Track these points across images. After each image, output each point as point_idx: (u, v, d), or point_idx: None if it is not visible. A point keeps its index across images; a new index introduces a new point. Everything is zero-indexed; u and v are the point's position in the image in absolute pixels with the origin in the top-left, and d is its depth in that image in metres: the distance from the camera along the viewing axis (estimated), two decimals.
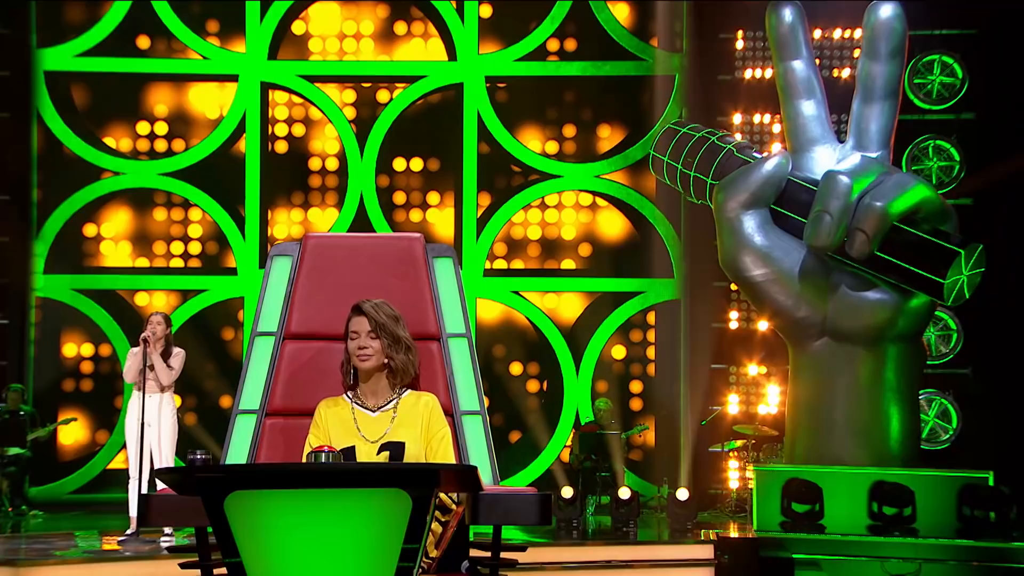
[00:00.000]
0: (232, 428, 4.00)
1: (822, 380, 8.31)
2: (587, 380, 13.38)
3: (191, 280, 13.43)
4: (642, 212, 13.50)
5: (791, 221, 7.90)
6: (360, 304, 3.88)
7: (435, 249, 4.26)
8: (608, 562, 8.59)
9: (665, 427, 13.32)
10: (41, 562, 7.38)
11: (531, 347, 13.66)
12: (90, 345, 13.53)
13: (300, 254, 4.20)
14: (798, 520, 8.85)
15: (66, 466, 13.28)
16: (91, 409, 13.52)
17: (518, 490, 3.51)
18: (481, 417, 4.06)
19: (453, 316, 4.16)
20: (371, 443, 3.80)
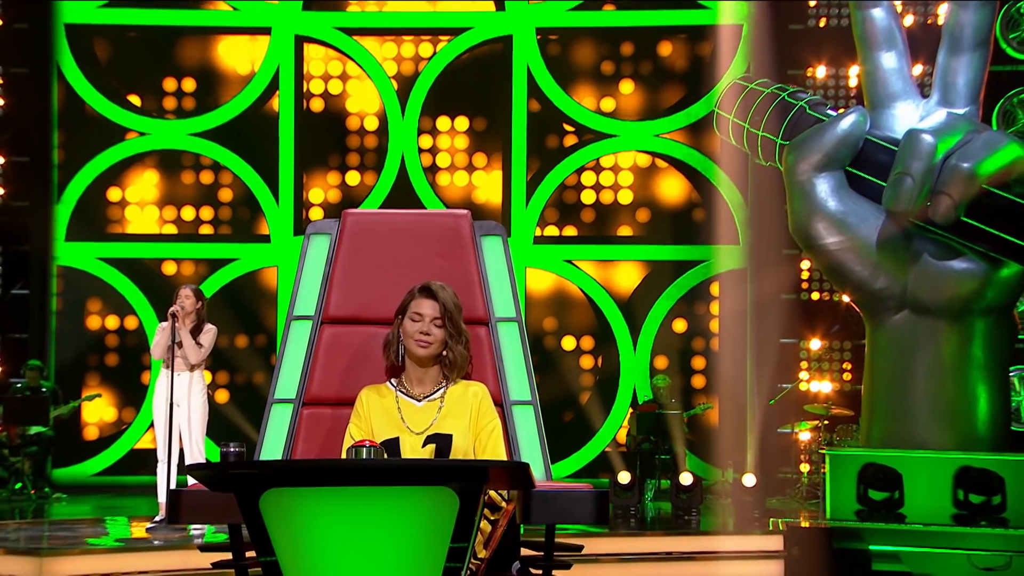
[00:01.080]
0: (267, 419, 4.03)
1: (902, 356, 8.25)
2: (645, 356, 13.37)
3: (221, 248, 13.53)
4: (705, 175, 13.42)
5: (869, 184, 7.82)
6: (429, 285, 3.89)
7: (483, 227, 4.25)
8: (668, 554, 8.60)
9: (730, 406, 13.28)
10: (66, 551, 7.50)
11: (585, 320, 13.66)
12: (115, 317, 13.69)
13: (339, 232, 4.21)
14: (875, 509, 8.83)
15: (91, 446, 13.48)
16: (117, 385, 13.70)
17: (573, 487, 3.51)
18: (533, 407, 4.06)
19: (503, 299, 4.16)
20: (416, 435, 3.82)
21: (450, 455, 3.78)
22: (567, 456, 13.09)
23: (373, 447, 3.27)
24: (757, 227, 13.09)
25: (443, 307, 3.85)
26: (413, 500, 2.95)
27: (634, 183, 13.79)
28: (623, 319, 13.37)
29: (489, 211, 13.67)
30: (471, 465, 3.14)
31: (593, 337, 13.66)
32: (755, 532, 9.20)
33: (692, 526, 9.76)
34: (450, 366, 3.88)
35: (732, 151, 12.11)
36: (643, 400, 12.85)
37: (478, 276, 4.16)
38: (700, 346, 13.75)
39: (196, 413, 8.94)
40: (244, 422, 12.79)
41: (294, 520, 2.97)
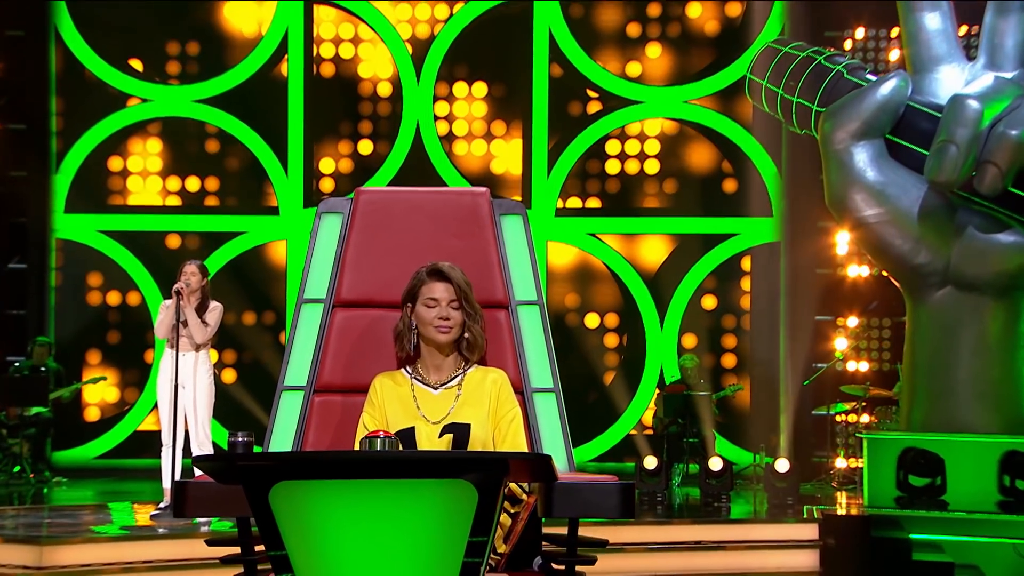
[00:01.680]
0: (277, 407, 4.04)
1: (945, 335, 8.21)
2: (673, 334, 13.37)
3: (228, 221, 13.57)
4: (736, 143, 13.38)
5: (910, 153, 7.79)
6: (440, 267, 3.90)
7: (503, 205, 4.24)
8: (697, 543, 8.63)
9: (762, 387, 13.29)
10: (66, 540, 7.55)
11: (609, 297, 13.66)
12: (116, 293, 13.75)
13: (351, 211, 4.21)
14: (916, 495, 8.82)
15: (92, 428, 13.57)
16: (119, 364, 13.77)
17: (597, 479, 3.52)
18: (555, 395, 4.06)
19: (523, 281, 4.15)
20: (432, 424, 3.83)
21: (468, 446, 3.79)
22: (590, 439, 13.12)
23: (387, 438, 3.28)
24: (791, 198, 13.06)
25: (457, 288, 3.86)
26: (429, 493, 2.96)
27: (661, 152, 13.76)
28: (649, 295, 13.37)
29: (508, 182, 13.66)
30: (490, 457, 3.15)
31: (618, 314, 13.66)
32: (789, 520, 9.21)
33: (722, 514, 9.77)
34: (470, 347, 3.89)
35: (765, 118, 12.06)
36: (670, 381, 12.85)
37: (497, 257, 4.16)
38: (731, 324, 13.74)
39: (202, 395, 8.98)
40: (252, 403, 12.85)
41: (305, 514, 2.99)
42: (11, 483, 11.76)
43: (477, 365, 3.96)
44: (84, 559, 7.41)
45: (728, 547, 8.66)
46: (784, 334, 13.08)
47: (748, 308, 13.65)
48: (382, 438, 3.28)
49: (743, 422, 13.34)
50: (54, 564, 7.29)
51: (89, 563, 7.40)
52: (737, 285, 13.70)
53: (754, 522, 9.28)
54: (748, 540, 8.72)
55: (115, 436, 13.46)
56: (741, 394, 13.15)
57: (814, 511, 9.38)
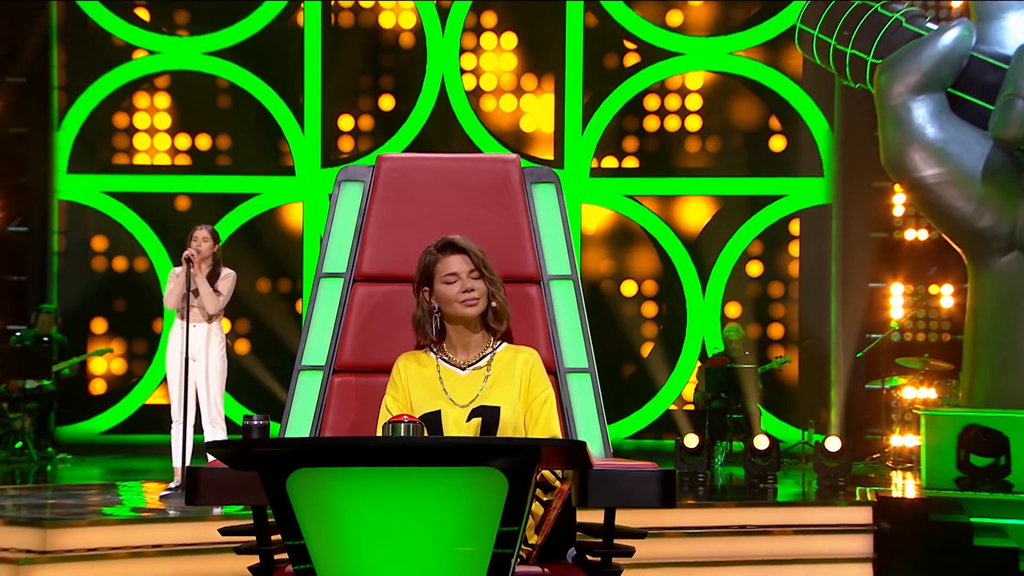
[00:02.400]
0: (294, 388, 4.06)
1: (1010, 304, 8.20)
2: (716, 303, 13.36)
3: (241, 182, 13.61)
4: (785, 98, 13.32)
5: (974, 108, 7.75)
6: (453, 240, 3.91)
7: (534, 173, 4.25)
8: (741, 527, 8.63)
9: (812, 359, 13.28)
10: (71, 522, 7.61)
11: (647, 263, 13.65)
12: (123, 258, 13.82)
13: (373, 179, 4.21)
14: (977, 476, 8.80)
15: (98, 401, 13.68)
16: (126, 334, 13.86)
17: (635, 466, 3.52)
18: (590, 375, 4.07)
19: (556, 254, 4.15)
20: (460, 407, 3.84)
21: (498, 430, 3.80)
22: (627, 415, 13.14)
23: (412, 423, 3.30)
24: (844, 157, 13.01)
25: (474, 257, 3.89)
26: (456, 482, 2.98)
27: (703, 108, 13.71)
28: (690, 261, 13.35)
29: (539, 140, 13.64)
30: (522, 444, 3.17)
31: (656, 282, 13.66)
32: (840, 503, 9.21)
33: (768, 495, 9.79)
34: (497, 317, 3.91)
35: (817, 71, 12.00)
36: (713, 353, 12.85)
37: (528, 229, 4.17)
38: (778, 292, 13.72)
39: (214, 368, 9.02)
40: (266, 375, 12.92)
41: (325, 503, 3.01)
42: (12, 460, 11.85)
43: (507, 344, 3.97)
44: (90, 543, 7.47)
45: (774, 532, 8.66)
46: (835, 302, 13.05)
47: (797, 275, 13.62)
48: (406, 423, 3.30)
49: (791, 397, 13.34)
50: (58, 548, 7.36)
51: (96, 547, 7.46)
52: (785, 250, 13.67)
53: (802, 505, 9.28)
54: (796, 524, 8.72)
55: (122, 410, 13.57)
56: (789, 367, 13.13)
57: (867, 493, 9.37)
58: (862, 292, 12.89)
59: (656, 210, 13.47)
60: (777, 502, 9.40)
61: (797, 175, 13.41)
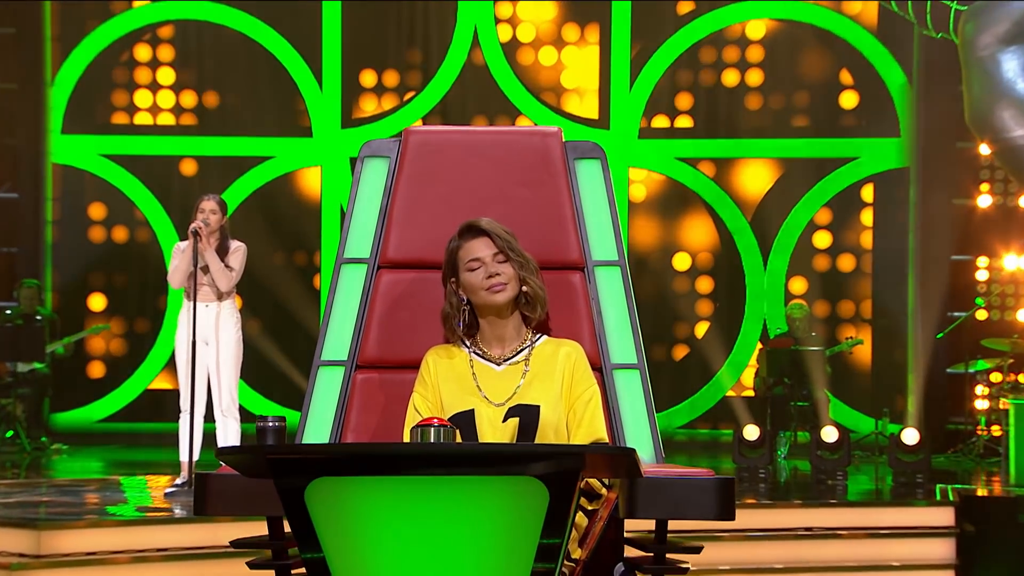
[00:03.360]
0: (313, 385, 4.08)
1: None
2: (779, 277, 13.35)
3: (253, 144, 13.64)
4: (858, 48, 13.25)
5: None
6: (474, 223, 3.92)
7: (578, 148, 4.24)
8: (808, 530, 8.63)
9: (886, 340, 13.27)
10: (68, 523, 7.67)
11: (702, 234, 13.63)
12: (123, 228, 13.89)
13: (399, 155, 4.21)
14: None
15: (97, 386, 13.77)
16: (126, 311, 13.94)
17: (689, 473, 3.53)
18: (639, 372, 4.07)
19: (602, 237, 4.15)
20: (495, 407, 3.86)
21: (537, 431, 3.82)
22: (680, 402, 13.14)
23: (443, 427, 3.33)
24: (924, 115, 12.95)
25: (497, 239, 3.89)
26: (493, 492, 3.00)
27: (765, 60, 13.66)
28: (751, 231, 13.33)
29: (582, 98, 13.62)
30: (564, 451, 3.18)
31: (712, 255, 13.64)
32: (918, 502, 9.21)
33: (837, 493, 9.78)
34: (531, 303, 3.92)
35: (893, 19, 11.94)
36: (775, 334, 12.84)
37: (571, 210, 4.17)
38: (848, 265, 13.68)
39: (227, 352, 9.06)
40: (280, 357, 12.99)
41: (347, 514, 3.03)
42: (3, 451, 11.94)
43: (547, 336, 3.98)
44: (89, 546, 7.52)
45: (844, 534, 8.66)
46: (913, 277, 13.02)
47: (870, 247, 13.57)
48: (436, 427, 3.32)
49: (863, 382, 13.32)
50: (54, 552, 7.41)
51: (95, 551, 7.51)
52: (856, 219, 13.62)
53: (875, 505, 9.28)
54: (869, 527, 8.71)
55: (123, 396, 13.66)
56: (861, 349, 13.10)
57: (949, 491, 9.36)
58: (943, 265, 12.85)
59: (712, 175, 13.45)
60: (847, 501, 9.39)
61: (870, 135, 13.36)
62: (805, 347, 11.92)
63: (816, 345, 12.05)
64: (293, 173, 13.68)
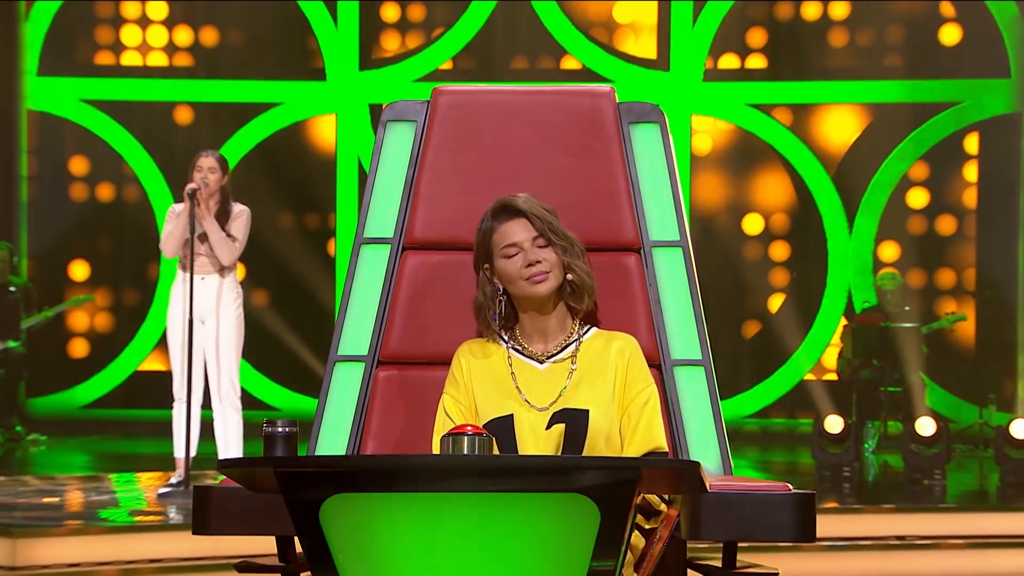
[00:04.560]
0: (328, 385, 4.08)
1: None
2: (867, 243, 13.32)
3: (257, 88, 13.66)
4: None
5: None
6: (509, 202, 3.90)
7: (633, 111, 4.22)
8: (900, 539, 8.61)
9: (994, 316, 13.24)
10: (47, 530, 7.72)
11: (777, 191, 13.60)
12: (109, 185, 13.95)
13: (427, 118, 4.21)
14: None
15: (79, 367, 13.84)
16: (113, 281, 14.00)
17: (763, 487, 3.54)
18: (704, 369, 4.06)
19: (661, 214, 4.14)
20: (538, 411, 3.85)
21: (586, 439, 3.82)
22: (750, 387, 13.13)
23: (478, 435, 3.34)
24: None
25: (535, 219, 3.88)
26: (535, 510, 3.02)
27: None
28: (833, 189, 13.28)
29: (638, 35, 13.58)
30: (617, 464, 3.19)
31: (789, 216, 13.61)
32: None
33: (934, 495, 9.77)
34: (577, 292, 3.91)
35: None
36: (862, 308, 12.81)
37: (625, 181, 4.16)
38: (948, 228, 13.64)
39: (228, 332, 9.09)
40: (289, 335, 13.03)
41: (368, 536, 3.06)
42: None
43: (597, 329, 3.98)
44: (71, 556, 7.54)
45: (943, 544, 8.64)
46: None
47: (974, 206, 13.52)
48: (470, 435, 3.33)
49: (965, 365, 13.28)
50: (32, 563, 7.43)
51: (78, 562, 7.53)
52: (958, 174, 13.57)
53: (980, 509, 9.27)
54: (971, 535, 8.69)
55: (109, 378, 13.73)
56: (963, 326, 13.06)
57: None
58: None
59: (789, 123, 13.40)
60: (946, 505, 9.38)
61: (975, 76, 13.27)
62: (897, 323, 11.87)
63: (910, 321, 11.99)
64: (304, 122, 13.71)
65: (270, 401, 13.23)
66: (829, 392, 12.36)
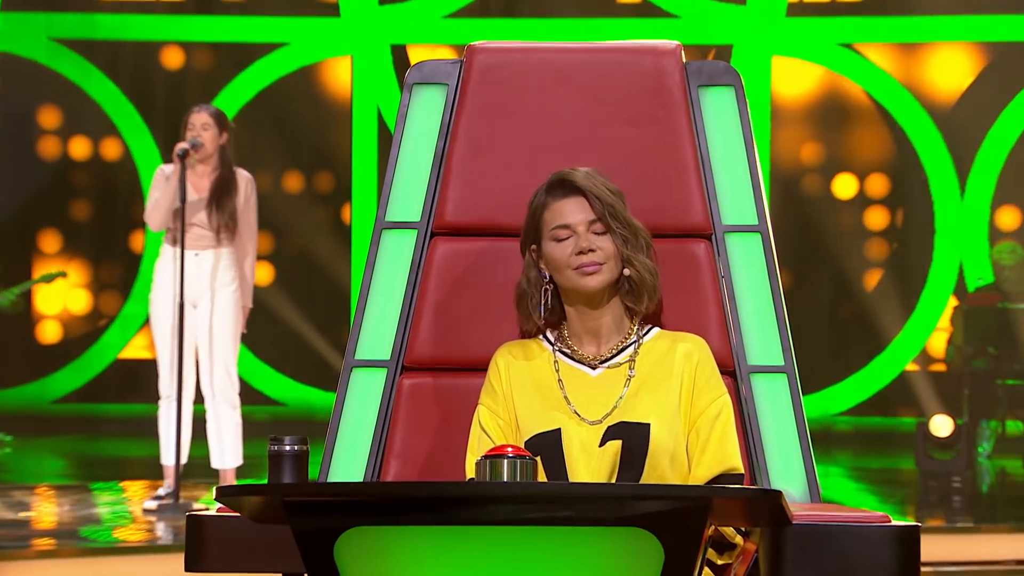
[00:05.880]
0: (344, 395, 4.08)
1: None
2: (982, 208, 13.30)
3: (257, 26, 13.69)
4: None
5: None
6: (570, 177, 3.89)
7: (703, 71, 4.21)
8: (1020, 563, 8.61)
9: None
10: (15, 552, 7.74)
11: (874, 146, 13.59)
12: (84, 140, 14.01)
13: (460, 81, 4.21)
14: None
15: (50, 355, 13.90)
16: (90, 253, 14.06)
17: (856, 517, 3.55)
18: (786, 376, 4.06)
19: (737, 193, 4.14)
20: (590, 425, 3.86)
21: (646, 459, 3.83)
22: (840, 380, 13.11)
23: (520, 458, 3.34)
24: None
25: (596, 200, 3.87)
26: (588, 547, 3.04)
27: None
28: (943, 145, 13.25)
29: None
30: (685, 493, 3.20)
31: (888, 177, 13.59)
32: None
33: None
34: (635, 291, 3.91)
35: None
36: (976, 285, 12.79)
37: (694, 155, 4.17)
38: None
39: (224, 318, 9.11)
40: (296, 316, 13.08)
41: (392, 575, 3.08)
42: None
43: (659, 329, 3.99)
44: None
45: None
46: None
47: None
48: (511, 458, 3.33)
49: None
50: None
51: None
52: None
53: None
54: None
55: (86, 368, 13.79)
56: None
57: None
58: None
59: (889, 67, 13.37)
60: None
61: None
62: (1018, 304, 11.86)
63: None
64: (314, 66, 13.72)
65: (273, 395, 13.29)
66: (936, 386, 12.37)
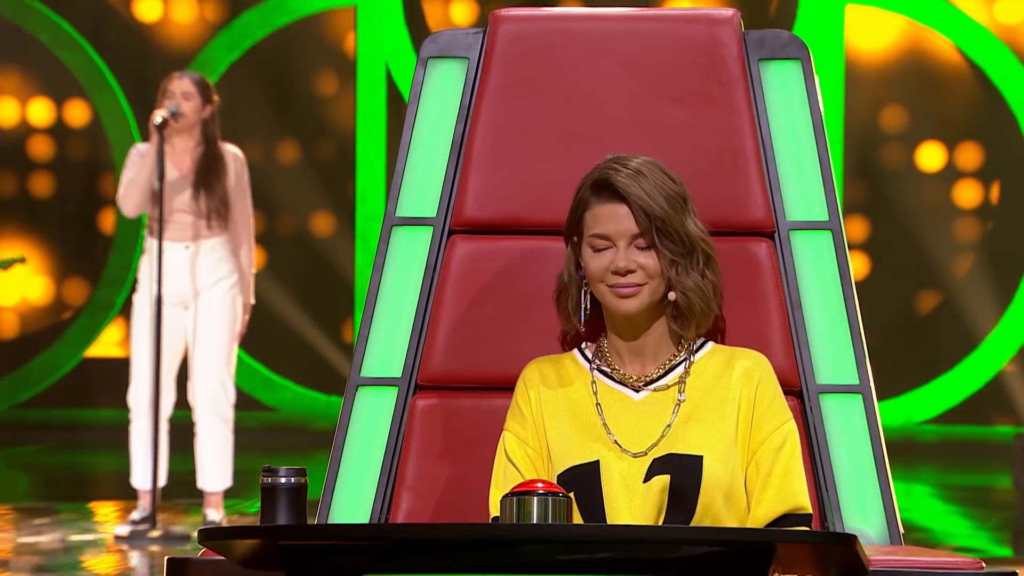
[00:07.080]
0: (349, 416, 4.10)
1: None
2: None
3: None
4: None
5: None
6: (613, 178, 3.86)
7: (765, 43, 4.21)
8: None
9: None
10: None
11: (961, 110, 13.58)
12: (46, 102, 14.05)
13: (483, 54, 4.22)
14: None
15: (7, 352, 13.96)
16: (53, 237, 14.10)
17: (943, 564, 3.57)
18: (861, 397, 4.07)
19: (804, 184, 4.15)
20: (632, 456, 3.87)
21: (699, 496, 3.83)
22: (924, 383, 13.10)
23: (552, 495, 3.34)
24: None
25: (641, 212, 3.84)
26: None
27: None
28: None
29: None
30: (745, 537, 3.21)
31: (982, 147, 13.58)
32: None
33: None
34: (681, 317, 3.89)
35: None
36: None
37: (754, 140, 4.17)
38: None
39: (219, 320, 9.11)
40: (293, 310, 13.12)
41: None
42: None
43: (713, 343, 3.99)
44: None
45: None
46: None
47: None
48: (542, 496, 3.34)
49: None
50: None
51: None
52: None
53: None
54: None
55: (49, 367, 13.83)
56: None
57: None
58: None
59: (983, 17, 13.36)
60: None
61: None
62: None
63: None
64: (313, 17, 13.74)
65: (266, 400, 13.33)
66: None
